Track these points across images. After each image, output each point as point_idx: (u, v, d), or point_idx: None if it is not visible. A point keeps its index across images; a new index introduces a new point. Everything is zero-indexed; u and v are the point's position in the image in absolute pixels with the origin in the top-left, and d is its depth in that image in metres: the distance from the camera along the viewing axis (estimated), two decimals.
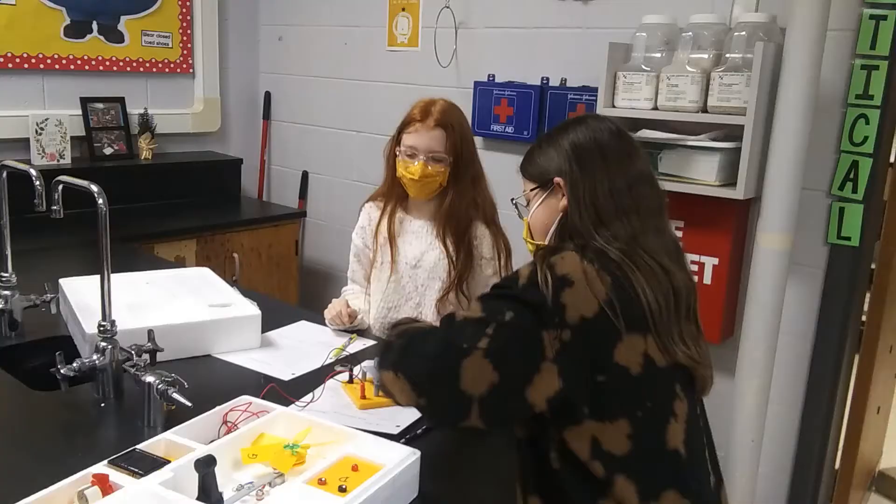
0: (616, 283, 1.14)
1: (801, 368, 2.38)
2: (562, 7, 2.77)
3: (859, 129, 2.18)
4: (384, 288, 2.00)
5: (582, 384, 1.12)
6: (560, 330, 1.10)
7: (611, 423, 1.13)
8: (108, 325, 1.46)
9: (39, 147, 3.12)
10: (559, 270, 1.14)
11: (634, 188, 1.24)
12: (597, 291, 1.12)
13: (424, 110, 1.90)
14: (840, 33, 2.16)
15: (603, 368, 1.12)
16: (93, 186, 1.44)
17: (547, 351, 1.11)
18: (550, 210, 1.31)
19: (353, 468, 1.14)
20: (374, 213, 2.06)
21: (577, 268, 1.14)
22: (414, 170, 1.87)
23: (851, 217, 2.23)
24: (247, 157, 3.85)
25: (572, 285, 1.12)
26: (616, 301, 1.12)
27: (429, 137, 1.87)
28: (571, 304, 1.11)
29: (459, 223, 1.92)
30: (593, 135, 1.27)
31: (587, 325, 1.11)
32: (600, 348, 1.12)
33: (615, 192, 1.23)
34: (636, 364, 1.13)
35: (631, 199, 1.23)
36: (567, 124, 1.33)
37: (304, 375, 1.65)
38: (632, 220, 1.22)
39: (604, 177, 1.24)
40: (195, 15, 3.61)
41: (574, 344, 1.11)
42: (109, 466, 1.12)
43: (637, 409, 1.14)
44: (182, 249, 3.03)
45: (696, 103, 2.24)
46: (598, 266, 1.15)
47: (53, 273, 1.98)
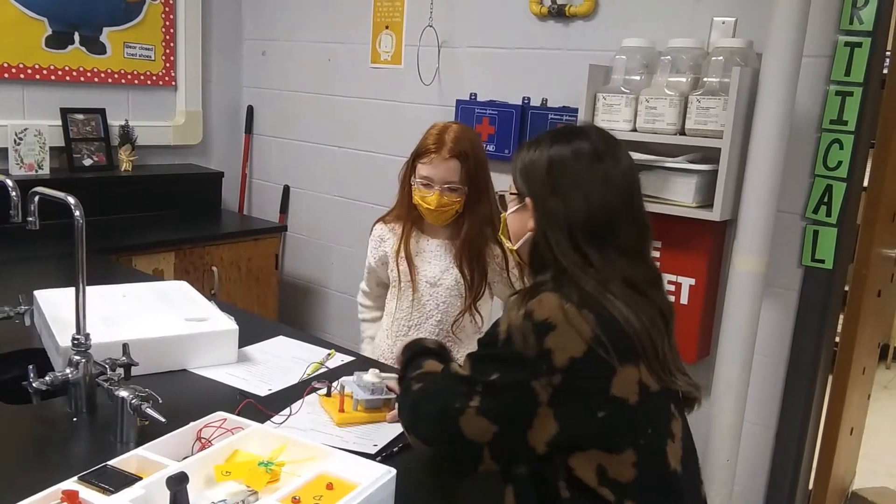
0: (599, 317, 1.12)
1: (776, 389, 2.40)
2: (543, 28, 2.80)
3: (833, 153, 2.22)
4: (405, 307, 2.02)
5: (582, 423, 1.11)
6: (550, 376, 1.09)
7: (617, 454, 1.12)
8: (82, 339, 1.45)
9: (18, 157, 3.10)
10: (538, 316, 1.11)
11: (609, 217, 1.20)
12: (581, 330, 1.10)
13: (439, 140, 1.89)
14: (815, 59, 2.21)
15: (601, 404, 1.11)
16: (69, 198, 1.43)
17: (540, 397, 1.10)
18: (521, 222, 1.29)
19: (328, 486, 1.13)
20: (385, 233, 2.07)
21: (556, 310, 1.11)
22: (430, 200, 1.89)
23: (825, 240, 2.26)
24: (228, 170, 3.84)
25: (555, 329, 1.10)
26: (603, 336, 1.10)
27: (444, 168, 1.87)
28: (557, 347, 1.09)
29: (473, 247, 1.96)
30: (573, 160, 1.22)
31: (577, 366, 1.09)
32: (595, 385, 1.11)
33: (587, 222, 1.19)
34: (633, 394, 1.12)
35: (603, 230, 1.20)
36: (557, 136, 1.27)
37: (281, 391, 1.64)
38: (604, 251, 1.19)
39: (574, 207, 1.20)
40: (178, 28, 3.61)
41: (567, 386, 1.09)
42: (80, 483, 1.10)
43: (640, 437, 1.14)
44: (161, 262, 3.01)
45: (674, 126, 2.28)
46: (577, 303, 1.12)
47: (28, 285, 1.96)
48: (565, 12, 2.70)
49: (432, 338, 1.72)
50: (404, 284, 2.02)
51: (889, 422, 4.00)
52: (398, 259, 2.02)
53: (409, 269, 2.00)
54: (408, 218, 2.01)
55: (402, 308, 2.03)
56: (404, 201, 2.01)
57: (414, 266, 2.00)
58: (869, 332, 2.66)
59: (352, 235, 3.52)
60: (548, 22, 2.79)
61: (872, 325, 2.71)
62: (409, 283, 2.00)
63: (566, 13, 2.70)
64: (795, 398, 2.38)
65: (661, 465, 1.16)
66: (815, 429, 2.47)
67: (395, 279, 2.05)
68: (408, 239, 2.01)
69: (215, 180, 3.75)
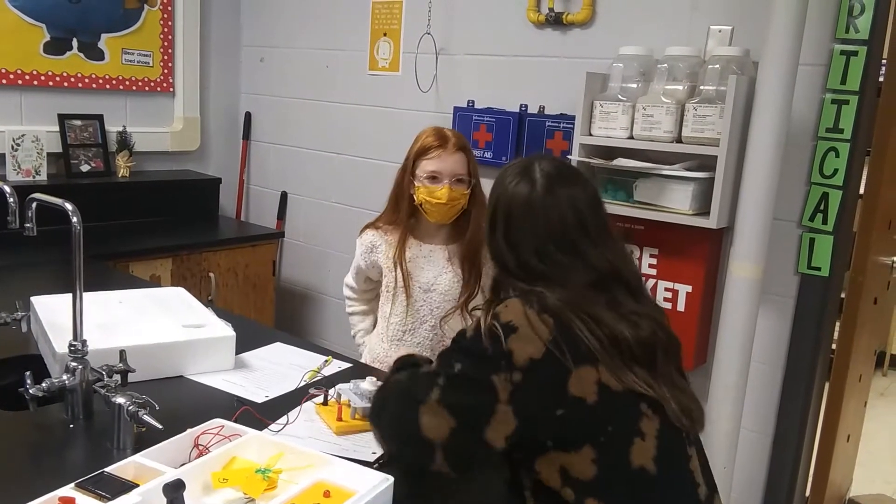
0: (558, 323, 1.18)
1: (773, 396, 2.41)
2: (541, 36, 2.81)
3: (829, 161, 2.23)
4: (399, 312, 2.03)
5: (541, 420, 1.17)
6: (510, 373, 1.16)
7: (576, 452, 1.17)
8: (79, 345, 1.45)
9: (15, 163, 3.10)
10: (503, 318, 1.20)
11: (563, 231, 1.28)
12: (540, 332, 1.17)
13: (440, 136, 1.96)
14: (812, 68, 2.22)
15: (560, 402, 1.16)
16: (67, 204, 1.43)
17: (500, 394, 1.16)
18: None
19: (325, 494, 1.14)
20: (377, 240, 2.07)
21: (519, 314, 1.19)
22: (441, 194, 1.91)
23: (821, 247, 2.27)
24: (226, 176, 3.84)
25: (516, 331, 1.17)
26: (560, 339, 1.17)
27: (452, 161, 1.93)
28: (518, 348, 1.16)
29: (473, 245, 1.98)
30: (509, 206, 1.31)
31: (536, 366, 1.16)
32: (554, 384, 1.16)
33: (542, 240, 1.27)
34: (591, 393, 1.17)
35: (564, 243, 1.27)
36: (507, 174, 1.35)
37: (278, 398, 1.64)
38: (568, 261, 1.26)
39: (532, 230, 1.28)
40: (176, 34, 3.62)
41: (526, 384, 1.16)
42: (76, 489, 1.10)
43: (599, 434, 1.18)
44: (158, 268, 3.01)
45: (671, 133, 2.28)
46: (538, 310, 1.19)
47: (25, 290, 1.96)
48: (563, 20, 2.71)
49: (426, 355, 1.73)
50: (398, 291, 2.02)
51: (886, 429, 4.01)
52: (392, 266, 2.02)
53: (403, 276, 2.00)
54: (400, 223, 2.01)
55: (397, 313, 2.03)
56: (399, 207, 2.01)
57: (408, 273, 2.00)
58: (865, 339, 2.66)
59: (349, 242, 3.49)
60: (545, 30, 2.80)
61: (869, 333, 2.72)
62: (402, 289, 2.01)
63: (563, 21, 2.71)
64: (792, 405, 2.38)
65: (623, 464, 1.18)
66: (812, 436, 2.47)
67: (388, 285, 2.05)
68: (402, 246, 2.01)
69: (213, 186, 3.75)
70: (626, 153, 2.38)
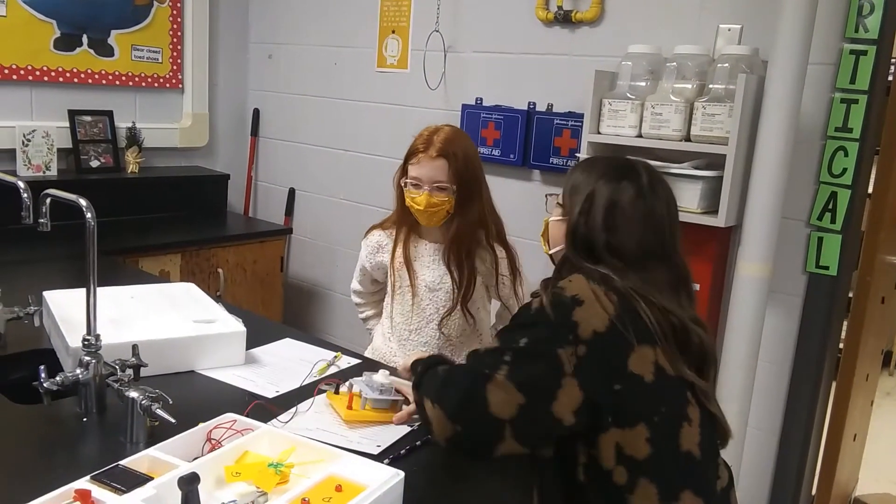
0: (622, 301, 1.22)
1: (780, 395, 2.41)
2: (549, 34, 2.82)
3: (838, 160, 2.23)
4: (405, 311, 2.03)
5: (602, 393, 1.19)
6: (575, 346, 1.18)
7: (631, 428, 1.19)
8: (92, 340, 1.46)
9: (26, 158, 3.11)
10: (569, 292, 1.22)
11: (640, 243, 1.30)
12: (606, 307, 1.21)
13: (427, 140, 1.92)
14: (821, 67, 2.22)
15: (619, 377, 1.19)
16: (81, 200, 1.44)
17: (566, 367, 1.18)
18: (560, 233, 1.40)
19: (337, 488, 1.15)
20: (383, 240, 2.07)
21: (585, 288, 1.23)
22: (420, 200, 1.90)
23: (830, 247, 2.27)
24: (234, 172, 3.86)
25: (582, 304, 1.20)
26: (625, 316, 1.20)
27: (431, 168, 1.89)
28: (583, 320, 1.19)
29: (462, 247, 1.96)
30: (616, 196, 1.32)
31: (600, 339, 1.19)
32: (615, 359, 1.20)
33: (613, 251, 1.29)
34: (648, 373, 1.20)
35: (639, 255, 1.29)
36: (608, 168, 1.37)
37: (289, 392, 1.65)
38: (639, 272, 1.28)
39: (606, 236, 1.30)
40: (186, 31, 3.63)
41: (590, 357, 1.18)
42: (92, 482, 1.11)
43: (653, 414, 1.21)
44: (167, 264, 3.03)
45: (680, 132, 2.29)
46: (604, 288, 1.23)
47: (37, 285, 1.97)
48: (571, 18, 2.72)
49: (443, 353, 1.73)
50: (404, 289, 2.02)
51: (892, 428, 4.01)
52: (396, 265, 2.02)
53: (409, 275, 2.00)
54: (404, 223, 2.01)
55: (403, 312, 2.03)
56: (399, 206, 2.01)
57: (413, 271, 2.00)
58: (872, 338, 2.67)
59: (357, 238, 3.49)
60: (554, 27, 2.80)
61: (876, 332, 2.72)
62: (408, 287, 2.01)
63: (572, 19, 2.72)
64: (799, 404, 2.39)
65: (673, 445, 1.22)
66: (819, 435, 2.47)
67: (393, 284, 2.05)
68: (406, 244, 2.01)
69: (221, 183, 3.77)
70: (634, 151, 2.38)
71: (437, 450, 1.44)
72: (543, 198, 1.58)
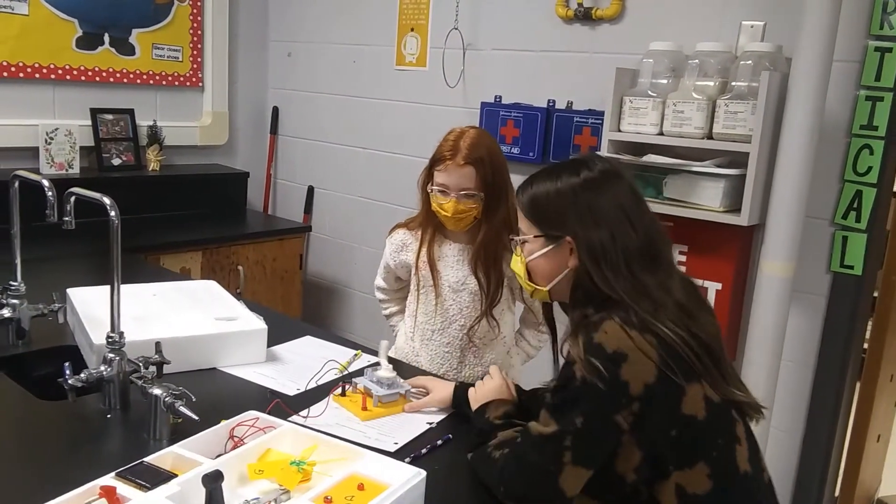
0: (660, 340, 1.15)
1: (803, 395, 2.39)
2: (569, 31, 2.80)
3: (863, 159, 2.20)
4: (428, 311, 2.03)
5: (661, 444, 1.16)
6: (630, 405, 1.14)
7: (691, 469, 1.17)
8: (116, 337, 1.47)
9: (48, 156, 3.14)
10: (609, 348, 1.14)
11: (649, 242, 1.24)
12: (649, 354, 1.14)
13: (454, 147, 1.87)
14: (845, 64, 2.19)
15: (675, 423, 1.16)
16: (105, 199, 1.45)
17: (622, 425, 1.15)
18: (556, 263, 1.30)
19: (359, 487, 1.15)
20: (408, 239, 2.05)
21: (623, 338, 1.14)
22: (447, 207, 1.88)
23: (854, 246, 2.24)
24: (253, 170, 3.87)
25: (626, 358, 1.13)
26: (668, 358, 1.14)
27: (459, 175, 1.86)
28: (632, 377, 1.13)
29: (489, 253, 1.93)
30: (611, 194, 1.25)
31: (652, 391, 1.14)
32: (669, 406, 1.16)
33: (633, 253, 1.22)
34: (700, 410, 1.17)
35: (649, 256, 1.23)
36: (576, 167, 1.29)
37: (310, 391, 1.66)
38: (655, 275, 1.22)
39: (622, 240, 1.22)
40: (206, 30, 3.65)
41: (645, 411, 1.14)
42: (117, 479, 1.12)
43: (712, 449, 1.18)
44: (188, 261, 3.05)
45: (702, 130, 2.27)
46: (639, 328, 1.15)
47: (60, 282, 1.99)
48: (592, 15, 2.70)
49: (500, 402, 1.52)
50: (427, 289, 2.02)
51: None
52: (421, 265, 2.02)
53: (433, 275, 1.99)
54: (430, 224, 2.00)
55: (426, 312, 2.03)
56: (425, 207, 2.00)
57: (437, 271, 1.99)
58: None
59: (375, 236, 3.53)
60: (574, 25, 2.79)
61: None
62: (432, 287, 2.00)
63: (592, 16, 2.70)
64: (822, 405, 2.36)
65: (733, 472, 1.20)
66: (842, 436, 2.45)
67: (417, 283, 2.05)
68: (431, 244, 2.00)
69: (241, 180, 3.78)
70: (655, 149, 2.37)
71: (458, 449, 1.44)
72: None
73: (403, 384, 1.64)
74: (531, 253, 1.33)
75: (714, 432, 1.19)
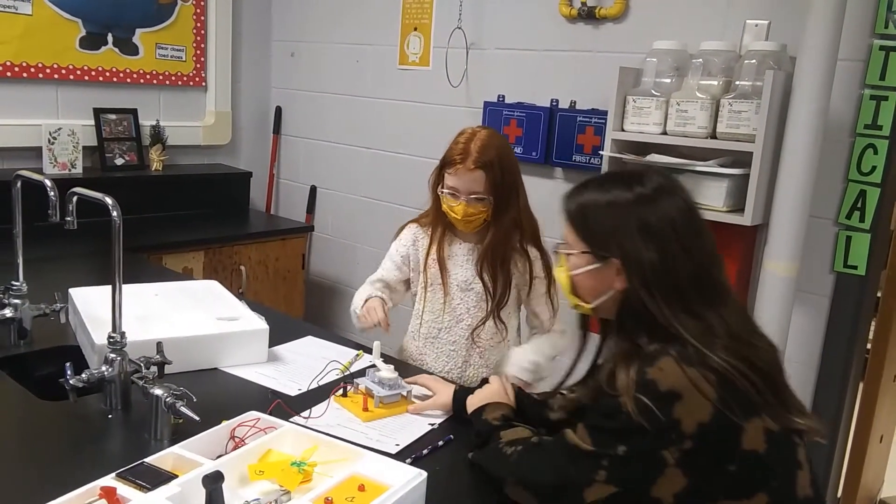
0: (720, 378, 1.08)
1: (806, 395, 2.38)
2: (572, 30, 2.80)
3: (867, 158, 2.20)
4: (435, 309, 2.02)
5: (711, 477, 1.11)
6: (680, 443, 1.08)
7: (748, 499, 1.11)
8: (118, 337, 1.47)
9: (52, 156, 3.15)
10: (663, 386, 1.08)
11: (704, 266, 1.18)
12: (707, 393, 1.07)
13: (464, 150, 1.86)
14: (850, 63, 2.18)
15: (732, 458, 1.10)
16: (107, 199, 1.45)
17: (668, 460, 1.09)
18: (602, 282, 1.23)
19: (360, 488, 1.14)
20: (420, 234, 2.04)
21: (679, 377, 1.08)
22: (457, 209, 1.88)
23: (858, 246, 2.23)
24: (256, 170, 3.87)
25: (681, 398, 1.08)
26: (727, 396, 1.08)
27: (469, 179, 1.85)
28: (686, 415, 1.08)
29: (496, 256, 1.93)
30: (664, 214, 1.18)
31: (706, 429, 1.08)
32: (726, 443, 1.10)
33: (687, 278, 1.15)
34: (761, 444, 1.10)
35: (703, 282, 1.17)
36: (629, 181, 1.23)
37: (312, 391, 1.65)
38: (709, 302, 1.16)
39: (674, 264, 1.15)
40: (209, 29, 3.65)
41: (697, 449, 1.08)
42: (117, 479, 1.12)
43: (771, 480, 1.13)
44: (190, 261, 3.05)
45: (706, 129, 2.26)
46: (697, 364, 1.09)
47: (62, 282, 1.99)
48: (595, 14, 2.69)
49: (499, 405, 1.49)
50: (436, 287, 2.01)
51: None
52: (430, 262, 2.02)
53: (441, 273, 1.99)
54: (440, 223, 2.00)
55: (433, 311, 2.02)
56: (435, 207, 2.00)
57: (446, 270, 1.99)
58: None
59: (378, 236, 3.53)
60: (577, 24, 2.78)
61: None
62: (440, 286, 2.00)
63: (596, 15, 2.69)
64: (825, 405, 2.35)
65: (791, 498, 1.15)
66: (845, 436, 2.44)
67: (424, 282, 2.04)
68: (441, 242, 2.00)
69: (244, 180, 3.78)
70: (659, 149, 2.36)
71: (459, 450, 1.43)
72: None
73: (405, 385, 1.64)
74: (576, 267, 1.26)
75: (775, 463, 1.12)
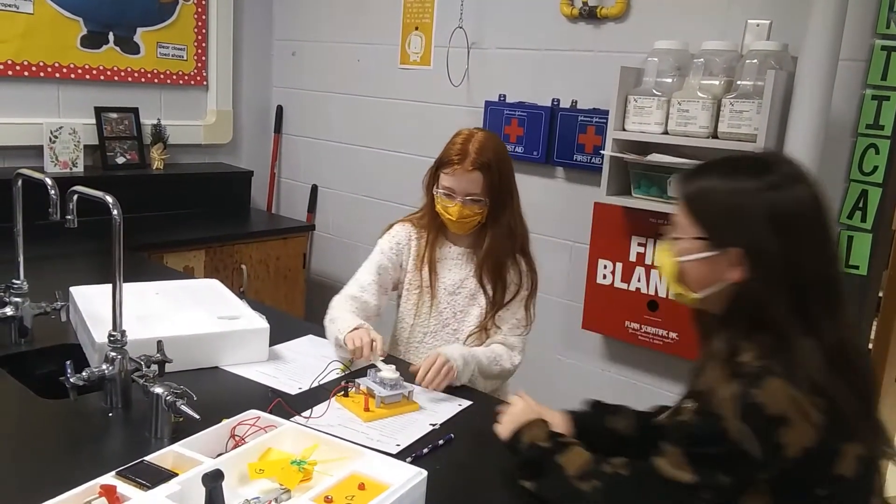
0: (827, 402, 1.05)
1: None
2: (573, 30, 2.79)
3: (869, 158, 2.19)
4: (422, 313, 2.00)
5: (797, 499, 1.09)
6: (781, 465, 1.05)
7: None
8: (118, 335, 1.47)
9: (53, 155, 3.15)
10: (770, 411, 1.03)
11: (832, 270, 1.12)
12: (814, 421, 1.04)
13: (462, 150, 1.84)
14: (852, 63, 2.18)
15: (822, 483, 1.08)
16: (108, 197, 1.45)
17: (761, 484, 1.07)
18: (713, 272, 1.15)
19: (360, 486, 1.14)
20: (412, 235, 2.01)
21: (787, 402, 1.03)
22: (452, 211, 1.86)
23: (860, 246, 2.23)
24: (257, 169, 3.87)
25: (788, 423, 1.03)
26: (832, 421, 1.05)
27: (466, 181, 1.84)
28: (792, 441, 1.04)
29: (496, 260, 1.91)
30: (798, 203, 1.10)
31: (809, 453, 1.05)
32: (821, 467, 1.07)
33: (814, 277, 1.09)
34: (851, 469, 1.08)
35: (829, 286, 1.10)
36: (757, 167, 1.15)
37: (312, 390, 1.65)
38: (834, 314, 1.10)
39: (799, 260, 1.08)
40: (210, 28, 3.65)
41: (796, 472, 1.06)
42: (117, 478, 1.12)
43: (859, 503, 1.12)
44: (191, 260, 3.05)
45: (707, 129, 2.26)
46: (807, 388, 1.04)
47: (63, 280, 1.99)
48: (596, 14, 2.69)
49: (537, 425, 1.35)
50: (423, 290, 1.99)
51: None
52: (420, 265, 1.99)
53: (430, 277, 1.97)
54: (432, 225, 1.98)
55: (420, 314, 2.00)
56: (428, 208, 1.98)
57: (435, 274, 1.97)
58: None
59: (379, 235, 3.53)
60: (578, 23, 2.78)
61: None
62: (427, 289, 1.98)
63: (597, 15, 2.69)
64: None
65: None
66: None
67: (411, 284, 2.01)
68: (433, 246, 1.98)
69: (245, 179, 3.78)
70: (660, 149, 2.36)
71: (459, 449, 1.44)
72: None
73: (406, 385, 1.63)
74: (685, 253, 1.18)
75: (859, 490, 1.11)
